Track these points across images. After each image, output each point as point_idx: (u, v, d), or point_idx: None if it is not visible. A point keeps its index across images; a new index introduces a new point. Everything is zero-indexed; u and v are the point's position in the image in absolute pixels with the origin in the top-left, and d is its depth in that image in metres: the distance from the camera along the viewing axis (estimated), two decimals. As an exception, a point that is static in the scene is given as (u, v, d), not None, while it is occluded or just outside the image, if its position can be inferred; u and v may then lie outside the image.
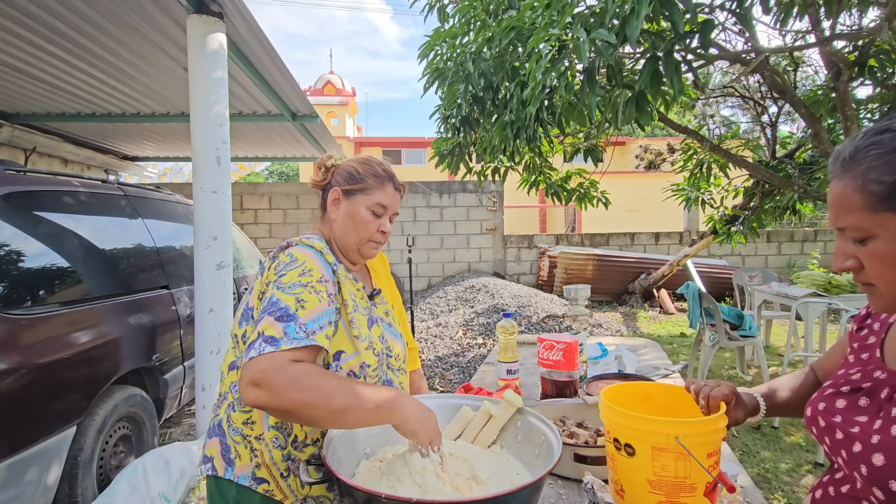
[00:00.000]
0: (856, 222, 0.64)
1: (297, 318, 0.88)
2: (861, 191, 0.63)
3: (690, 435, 0.75)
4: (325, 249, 1.06)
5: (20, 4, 2.90)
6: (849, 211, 0.64)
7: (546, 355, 1.47)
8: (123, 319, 2.48)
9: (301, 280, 0.93)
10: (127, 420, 2.48)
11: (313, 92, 21.15)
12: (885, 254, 0.62)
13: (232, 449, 1.01)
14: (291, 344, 0.84)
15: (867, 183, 0.62)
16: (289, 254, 0.99)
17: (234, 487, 1.00)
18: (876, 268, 0.64)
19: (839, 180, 0.66)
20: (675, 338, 5.75)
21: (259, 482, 0.99)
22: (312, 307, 0.91)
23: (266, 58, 3.58)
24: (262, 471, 0.99)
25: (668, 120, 4.02)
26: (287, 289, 0.91)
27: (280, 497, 1.00)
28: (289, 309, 0.88)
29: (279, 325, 0.86)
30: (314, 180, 1.17)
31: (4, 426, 1.75)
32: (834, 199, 0.66)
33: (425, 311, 6.58)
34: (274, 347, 0.83)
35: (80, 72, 3.95)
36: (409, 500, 0.70)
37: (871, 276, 0.65)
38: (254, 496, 0.99)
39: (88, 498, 2.11)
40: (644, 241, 8.40)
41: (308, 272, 0.95)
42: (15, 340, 1.85)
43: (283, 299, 0.90)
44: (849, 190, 0.64)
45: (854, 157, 0.64)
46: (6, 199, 1.97)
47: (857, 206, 0.63)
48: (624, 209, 14.26)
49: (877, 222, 0.62)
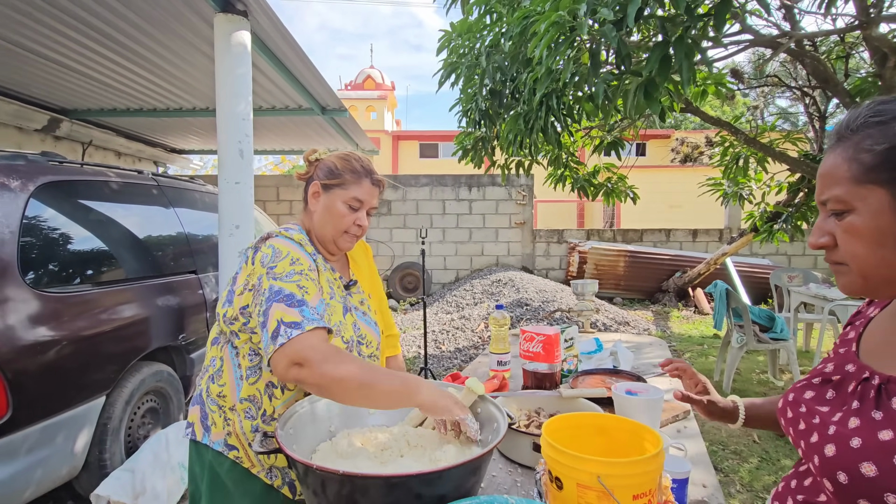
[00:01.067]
0: (839, 194, 0.60)
1: (306, 303, 0.95)
2: (851, 160, 0.59)
3: (614, 475, 0.74)
4: (305, 240, 1.11)
5: (71, 10, 3.14)
6: (834, 182, 0.61)
7: (526, 347, 1.48)
8: (153, 300, 2.67)
9: (294, 269, 1.00)
10: (155, 394, 2.67)
11: (354, 86, 21.54)
12: (861, 228, 0.59)
13: (209, 417, 1.10)
14: (312, 324, 0.91)
15: (858, 151, 0.59)
16: (270, 245, 1.04)
17: (209, 452, 1.09)
18: (849, 243, 0.60)
19: (832, 152, 0.63)
20: (708, 339, 5.54)
21: (230, 448, 1.08)
22: (314, 293, 0.98)
23: (292, 54, 3.70)
24: (232, 439, 1.08)
25: (700, 111, 3.86)
26: (284, 278, 0.97)
27: (248, 465, 1.08)
28: (295, 295, 0.95)
29: (294, 310, 0.93)
30: (298, 173, 1.23)
31: (41, 392, 1.94)
32: (823, 172, 0.63)
33: (451, 303, 6.64)
34: (300, 330, 0.90)
35: (126, 70, 4.23)
36: (336, 471, 0.75)
37: (843, 252, 0.61)
38: (225, 461, 1.07)
39: (116, 462, 2.30)
40: (680, 237, 8.10)
41: (297, 261, 1.02)
42: (53, 316, 2.04)
43: (285, 287, 0.96)
44: (839, 160, 0.61)
45: (850, 126, 0.61)
46: (46, 187, 2.16)
47: (844, 177, 0.60)
48: (666, 205, 13.74)
49: (859, 195, 0.59)
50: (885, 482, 0.55)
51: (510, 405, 1.32)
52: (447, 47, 3.29)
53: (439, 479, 0.78)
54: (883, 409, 0.59)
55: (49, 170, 2.25)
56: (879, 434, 0.57)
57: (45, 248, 2.13)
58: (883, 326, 0.68)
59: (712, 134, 6.49)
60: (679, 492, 0.92)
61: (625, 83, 2.10)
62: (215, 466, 1.08)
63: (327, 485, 0.77)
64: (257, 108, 5.22)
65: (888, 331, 0.67)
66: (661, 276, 7.43)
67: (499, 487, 1.05)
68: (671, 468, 0.92)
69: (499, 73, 2.97)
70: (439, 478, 0.78)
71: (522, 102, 2.76)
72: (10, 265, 1.90)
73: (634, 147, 8.49)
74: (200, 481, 1.10)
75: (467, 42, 3.03)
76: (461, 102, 3.68)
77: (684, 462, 0.95)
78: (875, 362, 0.65)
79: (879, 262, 0.58)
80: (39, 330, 1.96)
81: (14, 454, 1.83)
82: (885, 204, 0.57)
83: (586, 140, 4.66)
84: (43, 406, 1.95)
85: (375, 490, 0.76)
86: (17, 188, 2.03)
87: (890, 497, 0.54)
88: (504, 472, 1.11)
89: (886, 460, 0.55)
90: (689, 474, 0.93)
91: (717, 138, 4.80)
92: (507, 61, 2.87)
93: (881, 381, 0.61)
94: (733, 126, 4.03)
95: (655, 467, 0.78)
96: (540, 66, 2.06)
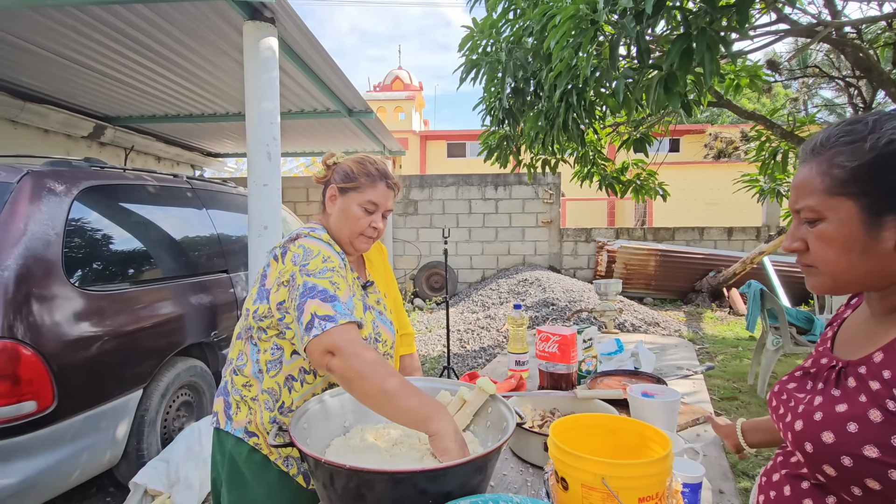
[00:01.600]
0: (812, 204, 0.67)
1: (338, 298, 0.99)
2: (824, 174, 0.66)
3: (619, 477, 0.73)
4: (329, 240, 1.16)
5: (113, 23, 3.32)
6: (808, 193, 0.68)
7: (542, 347, 1.48)
8: (187, 299, 2.79)
9: (326, 265, 1.04)
10: (189, 388, 2.79)
11: (382, 87, 21.76)
12: (831, 235, 0.66)
13: (233, 406, 1.16)
14: (344, 318, 0.96)
15: (831, 166, 0.65)
16: (300, 245, 1.08)
17: (231, 439, 1.14)
18: (819, 248, 0.68)
19: (807, 164, 0.69)
20: (743, 340, 5.34)
21: (250, 435, 1.13)
22: (345, 289, 1.03)
23: (318, 58, 3.79)
24: (252, 426, 1.13)
25: (732, 104, 3.72)
26: (318, 274, 1.02)
27: (266, 452, 1.13)
28: (328, 291, 0.99)
29: (327, 304, 0.97)
30: (317, 176, 1.27)
31: (84, 384, 2.06)
32: (798, 182, 0.70)
33: (477, 302, 6.64)
34: (333, 323, 0.95)
35: (163, 78, 4.43)
36: (342, 465, 0.77)
37: (814, 256, 0.69)
38: (244, 448, 1.13)
39: (153, 452, 2.42)
40: (715, 236, 7.82)
41: (328, 259, 1.06)
42: (94, 313, 2.16)
43: (319, 283, 1.00)
44: (813, 173, 0.67)
45: (825, 144, 0.67)
46: (88, 191, 2.29)
47: (817, 188, 0.66)
48: (702, 202, 13.27)
49: (830, 206, 0.66)
50: (840, 447, 0.63)
51: (525, 405, 1.32)
52: (468, 44, 3.28)
53: (444, 476, 0.79)
54: (841, 387, 0.69)
55: (91, 175, 2.39)
56: (836, 407, 0.66)
57: (87, 248, 2.26)
58: (852, 323, 0.78)
59: (748, 128, 6.24)
60: (692, 496, 0.90)
61: (645, 78, 2.05)
62: (234, 454, 1.13)
63: (335, 478, 0.80)
64: (286, 111, 5.36)
65: (855, 326, 0.77)
66: (693, 275, 7.21)
67: (509, 486, 1.06)
68: (683, 472, 0.90)
69: (521, 71, 2.95)
70: (444, 475, 0.79)
71: (544, 99, 2.73)
72: (55, 265, 2.02)
73: (667, 143, 8.26)
74: (221, 468, 1.16)
75: (489, 39, 3.02)
76: (484, 101, 3.67)
77: (698, 466, 0.93)
78: (843, 353, 0.75)
79: (847, 265, 0.66)
80: (82, 326, 2.08)
81: (60, 441, 1.96)
82: (853, 214, 0.64)
83: (614, 136, 4.57)
84: (85, 397, 2.07)
85: (381, 485, 0.78)
86: (61, 192, 2.16)
87: (845, 459, 0.62)
88: (515, 472, 1.11)
89: (841, 428, 0.64)
90: (702, 479, 0.91)
91: (752, 133, 4.62)
92: (530, 57, 2.85)
93: (843, 365, 0.71)
94: (769, 120, 3.87)
95: (662, 470, 0.77)
96: (560, 62, 2.04)
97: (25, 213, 1.97)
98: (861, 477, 0.61)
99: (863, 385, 0.66)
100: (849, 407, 0.65)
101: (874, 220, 0.63)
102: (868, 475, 0.61)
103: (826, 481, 0.67)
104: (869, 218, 0.63)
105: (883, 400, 0.62)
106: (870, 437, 0.61)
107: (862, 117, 0.66)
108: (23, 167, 2.12)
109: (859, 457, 0.61)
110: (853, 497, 0.64)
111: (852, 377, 0.68)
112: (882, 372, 0.64)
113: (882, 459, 0.60)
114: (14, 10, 3.04)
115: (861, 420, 0.63)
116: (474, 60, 3.03)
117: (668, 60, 1.77)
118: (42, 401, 1.86)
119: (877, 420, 0.62)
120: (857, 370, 0.68)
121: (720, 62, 2.25)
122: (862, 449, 0.61)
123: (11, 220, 1.93)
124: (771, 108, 4.94)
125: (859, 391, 0.66)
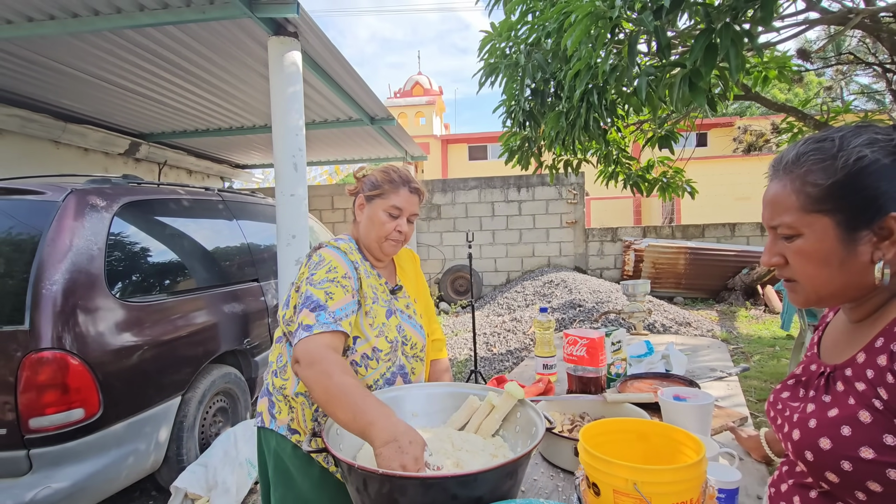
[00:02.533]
0: (788, 221, 0.69)
1: (326, 308, 1.06)
2: (798, 192, 0.68)
3: (651, 483, 0.73)
4: (350, 249, 1.22)
5: (144, 43, 3.47)
6: (784, 210, 0.70)
7: (570, 350, 1.47)
8: (220, 308, 2.88)
9: (328, 276, 1.11)
10: (224, 394, 2.88)
11: (403, 93, 21.98)
12: (809, 251, 0.68)
13: (276, 405, 1.22)
14: (322, 329, 1.02)
15: (805, 185, 0.68)
16: (319, 254, 1.18)
17: (274, 437, 1.20)
18: (799, 263, 0.70)
19: (780, 181, 0.71)
20: (780, 340, 5.16)
21: (293, 433, 1.19)
22: (339, 298, 1.08)
23: (341, 69, 3.87)
24: (295, 423, 1.19)
25: (760, 97, 3.62)
26: (318, 284, 1.10)
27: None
28: (319, 301, 1.07)
29: (312, 315, 1.04)
30: (349, 188, 1.33)
31: (127, 392, 2.16)
32: (771, 199, 0.72)
33: (502, 305, 6.61)
34: (308, 333, 1.02)
35: (193, 94, 4.60)
36: (375, 471, 0.79)
37: (794, 270, 0.71)
38: (287, 444, 1.19)
39: (192, 457, 2.51)
40: (747, 232, 7.58)
41: (334, 269, 1.13)
42: (135, 323, 2.26)
43: (314, 293, 1.08)
44: (787, 191, 0.69)
45: (796, 162, 0.70)
46: (126, 206, 2.40)
47: (793, 206, 0.69)
48: (732, 197, 12.87)
49: (806, 222, 0.68)
50: (838, 451, 0.63)
51: (553, 409, 1.32)
52: (487, 47, 3.28)
53: (475, 482, 0.80)
54: (831, 392, 0.69)
55: (129, 191, 2.50)
56: (829, 413, 0.67)
57: (127, 261, 2.36)
58: (834, 326, 0.80)
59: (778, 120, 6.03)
60: (728, 502, 0.88)
61: (668, 75, 2.02)
62: (279, 450, 1.19)
63: (368, 483, 0.82)
64: (310, 121, 5.48)
65: (837, 329, 0.78)
66: (726, 273, 7.00)
67: (540, 491, 1.06)
68: (719, 477, 0.89)
69: (539, 72, 2.93)
70: (475, 480, 0.80)
71: (564, 100, 2.71)
72: (98, 278, 2.13)
73: (694, 137, 8.06)
74: (268, 465, 1.22)
75: (508, 42, 3.02)
76: (504, 104, 3.67)
77: (734, 471, 0.91)
78: (829, 357, 0.75)
79: (826, 279, 0.68)
80: (124, 336, 2.18)
81: (106, 447, 2.05)
82: (828, 230, 0.67)
83: (638, 135, 4.50)
84: (129, 404, 2.17)
85: (413, 489, 0.79)
86: (102, 209, 2.27)
87: (845, 463, 0.62)
88: (546, 477, 1.11)
89: (836, 433, 0.64)
90: (738, 484, 0.89)
91: (783, 125, 4.48)
92: (549, 59, 2.83)
93: (830, 370, 0.71)
94: (800, 111, 3.74)
95: (696, 475, 0.76)
96: (578, 61, 2.03)
97: (70, 229, 2.08)
98: (862, 480, 0.61)
99: (850, 388, 0.67)
100: (840, 411, 0.66)
101: (850, 235, 0.66)
102: (868, 477, 0.61)
103: (831, 489, 0.66)
104: (844, 234, 0.66)
105: (870, 400, 0.63)
106: (863, 439, 0.62)
107: (828, 135, 0.69)
108: (66, 186, 2.23)
109: (857, 459, 0.61)
110: (859, 502, 0.63)
111: (840, 381, 0.69)
112: (866, 372, 0.65)
113: (878, 459, 0.60)
114: (56, 37, 3.21)
115: (853, 422, 0.63)
116: (493, 64, 3.04)
117: (691, 57, 1.74)
118: (89, 408, 1.95)
119: (867, 421, 0.62)
120: (843, 373, 0.69)
121: (746, 56, 2.20)
122: (858, 451, 0.61)
123: (58, 236, 2.04)
124: (803, 99, 4.76)
125: (847, 394, 0.67)
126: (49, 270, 1.96)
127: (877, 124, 0.70)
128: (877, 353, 0.64)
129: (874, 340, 0.66)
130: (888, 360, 0.62)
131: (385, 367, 1.20)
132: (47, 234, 2.01)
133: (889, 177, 0.64)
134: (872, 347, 0.66)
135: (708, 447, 1.02)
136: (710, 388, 1.58)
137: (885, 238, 0.65)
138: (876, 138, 0.66)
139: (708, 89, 2.00)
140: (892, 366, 0.61)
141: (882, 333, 0.65)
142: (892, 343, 0.63)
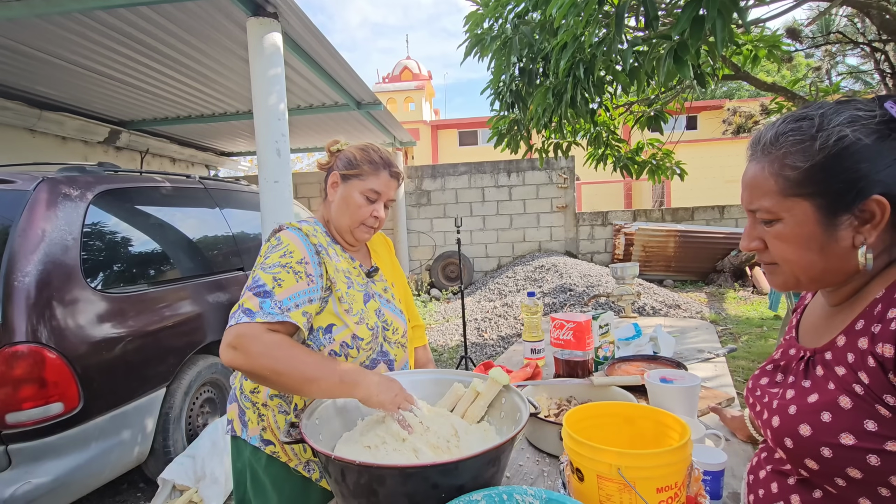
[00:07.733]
0: (767, 206, 0.67)
1: (273, 295, 0.96)
2: (777, 175, 0.66)
3: (635, 467, 0.71)
4: (313, 232, 1.12)
5: (119, 27, 3.34)
6: (763, 194, 0.67)
7: (557, 334, 1.45)
8: (206, 297, 2.82)
9: (281, 261, 1.02)
10: (211, 385, 2.84)
11: (391, 79, 21.64)
12: (788, 235, 0.66)
13: (246, 413, 1.14)
14: (265, 318, 0.93)
15: (783, 168, 0.65)
16: (277, 237, 1.08)
17: (248, 447, 1.13)
18: (778, 248, 0.68)
19: (758, 163, 0.68)
20: (767, 320, 5.21)
21: (266, 444, 1.11)
22: (289, 286, 0.99)
23: (324, 52, 3.77)
24: (268, 433, 1.11)
25: (750, 76, 3.59)
26: (268, 269, 1.01)
27: (285, 459, 1.11)
28: (266, 286, 0.97)
29: (257, 299, 0.95)
30: (320, 162, 1.25)
31: (108, 385, 2.11)
32: (750, 182, 0.69)
33: (493, 291, 6.61)
34: (250, 318, 0.92)
35: (172, 80, 4.46)
36: (353, 461, 0.76)
37: (774, 255, 0.69)
38: (262, 456, 1.11)
39: (179, 449, 2.48)
40: (736, 214, 7.62)
41: (289, 254, 1.03)
42: (115, 315, 2.20)
43: (262, 277, 0.99)
44: (766, 174, 0.67)
45: (774, 143, 0.66)
46: (102, 195, 2.32)
47: (771, 190, 0.66)
48: (721, 180, 12.94)
49: (785, 207, 0.65)
50: (818, 438, 0.62)
51: (541, 394, 1.30)
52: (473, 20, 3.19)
53: (456, 470, 0.78)
54: (811, 377, 0.68)
55: (105, 179, 2.42)
56: (809, 398, 0.65)
57: (105, 251, 2.30)
58: (812, 309, 0.78)
59: (768, 101, 6.01)
60: (713, 484, 0.87)
61: (655, 49, 1.97)
62: (253, 462, 1.12)
63: (346, 474, 0.79)
64: (295, 106, 5.37)
65: (815, 312, 0.76)
66: (715, 255, 7.05)
67: (525, 477, 1.04)
68: (704, 459, 0.87)
69: (527, 48, 2.86)
70: (456, 468, 0.78)
71: (551, 75, 2.65)
72: (74, 269, 2.06)
73: (684, 120, 8.05)
74: (243, 478, 1.15)
75: (495, 18, 2.93)
76: (492, 84, 3.59)
77: (720, 453, 0.90)
78: (808, 341, 0.74)
79: (807, 263, 0.66)
80: (103, 328, 2.13)
81: (88, 441, 2.01)
82: (808, 214, 0.64)
83: (627, 116, 4.45)
84: (111, 397, 2.12)
85: (392, 479, 0.77)
86: (77, 198, 2.19)
87: (824, 450, 0.61)
88: (531, 462, 1.10)
89: (815, 419, 0.63)
90: (724, 466, 0.88)
91: (772, 105, 4.46)
92: (536, 34, 2.75)
93: (809, 354, 0.70)
94: (790, 91, 3.72)
95: (680, 459, 0.74)
96: (565, 32, 1.97)
97: (43, 219, 2.01)
98: (842, 466, 0.60)
99: (830, 372, 0.65)
100: (820, 396, 0.64)
101: (830, 219, 0.63)
102: (848, 464, 0.60)
103: (810, 475, 0.65)
104: (825, 218, 0.64)
105: (850, 385, 0.61)
106: (844, 425, 0.60)
107: (807, 112, 0.65)
108: (38, 174, 2.15)
109: (837, 446, 0.60)
110: (838, 489, 0.62)
111: (820, 365, 0.67)
112: (846, 355, 0.63)
113: (859, 446, 0.59)
114: (23, 19, 3.08)
115: (833, 408, 0.62)
116: (479, 35, 2.94)
117: (678, 28, 1.70)
118: (68, 402, 1.91)
119: (847, 406, 0.61)
120: (823, 357, 0.67)
121: (734, 29, 2.15)
122: (839, 437, 0.60)
123: (30, 227, 1.96)
124: (792, 79, 4.74)
125: (827, 379, 0.65)
126: (21, 262, 1.89)
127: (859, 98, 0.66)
128: (857, 336, 0.63)
129: (854, 323, 0.64)
130: (869, 342, 0.60)
131: (365, 356, 1.14)
132: (18, 225, 1.94)
133: (870, 157, 0.61)
134: (853, 330, 0.64)
135: (694, 429, 1.01)
136: (698, 370, 1.57)
137: (866, 222, 0.62)
138: (857, 115, 0.62)
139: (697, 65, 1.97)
140: (873, 348, 0.60)
141: (862, 315, 0.63)
142: (873, 325, 0.61)
